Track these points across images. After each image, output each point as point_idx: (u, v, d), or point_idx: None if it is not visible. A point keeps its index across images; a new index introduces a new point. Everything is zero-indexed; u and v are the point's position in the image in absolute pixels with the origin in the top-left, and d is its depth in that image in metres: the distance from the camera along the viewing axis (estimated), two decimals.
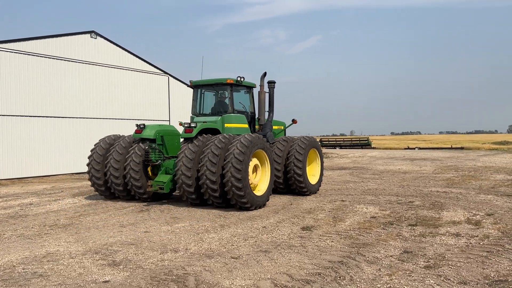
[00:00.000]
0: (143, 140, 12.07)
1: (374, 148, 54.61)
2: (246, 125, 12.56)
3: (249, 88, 13.01)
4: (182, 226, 8.99)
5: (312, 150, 13.58)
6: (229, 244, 7.43)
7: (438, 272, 5.78)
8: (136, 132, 12.16)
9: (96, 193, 14.35)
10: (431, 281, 5.44)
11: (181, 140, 12.22)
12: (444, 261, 6.22)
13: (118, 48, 24.48)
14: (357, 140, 60.71)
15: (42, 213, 10.85)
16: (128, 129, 24.63)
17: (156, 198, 12.37)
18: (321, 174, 14.06)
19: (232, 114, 12.17)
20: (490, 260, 6.26)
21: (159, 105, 26.84)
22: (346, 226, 8.70)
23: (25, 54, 20.32)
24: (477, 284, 5.33)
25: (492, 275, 5.62)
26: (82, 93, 22.59)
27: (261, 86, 12.93)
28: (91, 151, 12.57)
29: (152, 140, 12.01)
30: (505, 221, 8.95)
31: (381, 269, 5.94)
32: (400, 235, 7.86)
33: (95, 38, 23.24)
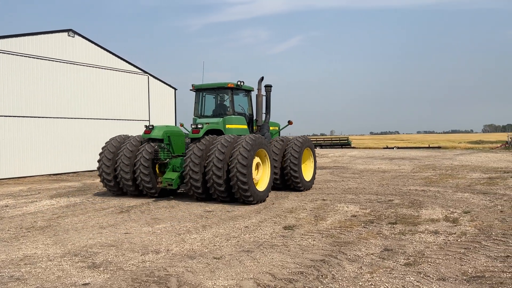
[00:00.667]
0: (152, 140, 12.77)
1: (354, 147, 55.22)
2: (246, 126, 13.44)
3: (248, 91, 13.95)
4: (163, 227, 8.91)
5: (306, 149, 14.39)
6: (211, 244, 7.40)
7: (418, 269, 5.87)
8: (145, 132, 12.83)
9: (75, 194, 14.12)
10: (411, 278, 5.53)
11: (186, 139, 13.10)
12: (423, 258, 6.33)
13: (97, 47, 24.08)
14: (337, 140, 61.30)
15: (19, 215, 10.58)
16: (106, 129, 24.28)
17: (163, 194, 12.89)
18: (315, 172, 14.90)
19: (233, 116, 13.05)
20: (468, 256, 6.40)
21: (138, 105, 26.52)
22: (328, 225, 8.77)
23: None
24: (455, 280, 5.44)
25: (469, 271, 5.74)
26: (58, 92, 22.13)
27: (259, 89, 13.63)
28: (102, 149, 13.21)
29: (160, 140, 12.71)
30: (481, 218, 9.17)
31: (363, 267, 6.00)
32: (381, 233, 7.96)
33: (73, 37, 22.81)
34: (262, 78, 13.67)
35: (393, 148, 53.48)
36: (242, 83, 13.29)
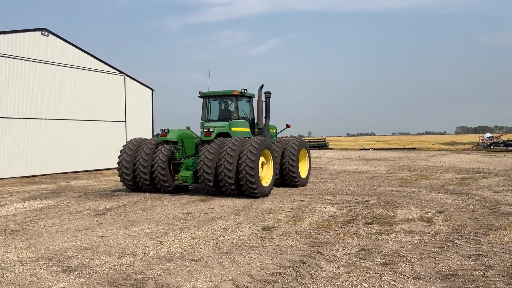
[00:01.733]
0: (167, 142, 14.12)
1: (331, 148, 55.80)
2: (248, 129, 14.96)
3: (249, 98, 15.45)
4: (141, 229, 8.79)
5: (302, 150, 15.97)
6: (190, 246, 7.34)
7: (394, 268, 5.98)
8: (162, 135, 14.18)
9: (48, 197, 13.82)
10: (388, 277, 5.63)
11: (196, 141, 14.63)
12: (399, 258, 6.45)
13: (71, 46, 23.59)
14: (315, 141, 61.82)
15: None
16: (81, 130, 23.82)
17: (177, 190, 14.21)
18: (310, 169, 16.53)
19: (238, 120, 14.56)
20: (442, 255, 6.55)
21: (114, 105, 26.10)
22: (306, 226, 8.83)
23: None
24: (430, 278, 5.56)
25: (443, 270, 5.88)
26: (31, 92, 21.56)
27: (259, 96, 14.94)
28: (121, 151, 14.53)
29: (174, 142, 14.12)
30: (455, 218, 9.41)
31: (340, 267, 6.07)
32: (358, 233, 8.07)
33: (47, 36, 22.28)
34: (262, 86, 14.90)
35: (369, 149, 54.29)
36: (245, 91, 14.75)
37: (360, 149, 54.11)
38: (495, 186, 14.77)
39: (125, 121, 26.71)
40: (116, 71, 26.30)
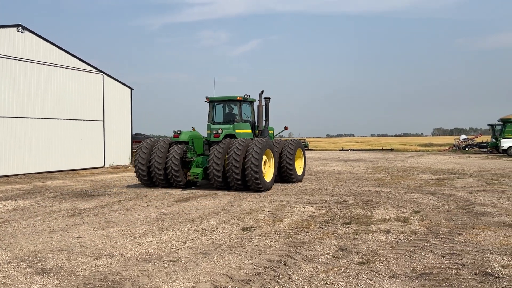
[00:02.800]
0: (179, 142, 15.57)
1: (311, 149, 56.21)
2: (250, 131, 16.38)
3: (251, 102, 16.86)
4: (118, 230, 8.68)
5: (298, 149, 17.42)
6: (168, 247, 7.29)
7: (371, 267, 6.07)
8: (174, 136, 15.62)
9: (23, 197, 13.52)
10: (364, 276, 5.71)
11: (204, 142, 16.01)
12: (376, 257, 6.55)
13: (48, 44, 23.07)
14: None
15: None
16: (57, 129, 23.34)
17: (187, 185, 15.58)
18: (305, 167, 18.10)
19: (241, 123, 16.01)
20: (417, 254, 6.68)
21: (92, 104, 25.66)
22: (285, 226, 8.87)
23: None
24: (405, 277, 5.67)
25: (419, 269, 6.00)
26: (6, 90, 21.00)
27: (260, 101, 16.43)
28: (136, 150, 15.97)
29: (186, 142, 15.57)
30: (430, 217, 9.61)
31: (318, 267, 6.12)
32: (336, 233, 8.16)
33: (22, 32, 21.75)
34: (262, 92, 16.39)
35: (348, 150, 54.91)
36: (248, 96, 16.19)
37: (340, 150, 54.68)
38: (469, 187, 15.14)
39: (103, 120, 26.29)
40: (94, 70, 25.87)
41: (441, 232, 8.12)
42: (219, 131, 15.07)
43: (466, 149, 49.16)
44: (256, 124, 16.80)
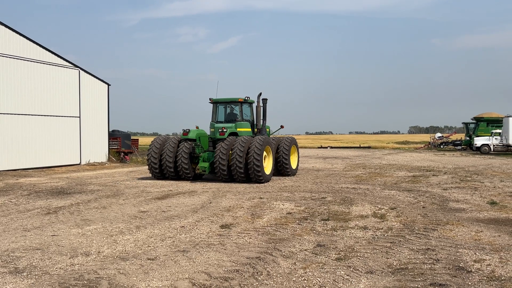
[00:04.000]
0: (188, 139, 17.02)
1: None
2: (250, 129, 18.12)
3: (250, 103, 18.50)
4: (94, 228, 8.53)
5: (293, 146, 19.05)
6: (145, 245, 7.21)
7: (348, 263, 6.14)
8: (184, 134, 17.08)
9: None
10: (342, 272, 5.77)
11: (209, 139, 17.65)
12: (353, 253, 6.64)
13: (20, 37, 22.39)
14: None
15: None
16: (31, 126, 22.76)
17: (195, 178, 17.15)
18: (298, 162, 19.84)
19: (242, 122, 17.78)
20: (393, 250, 6.80)
21: (68, 100, 25.09)
22: (264, 223, 8.90)
23: None
24: (381, 272, 5.76)
25: (395, 264, 6.11)
26: None
27: (258, 102, 17.84)
28: (149, 148, 17.48)
29: (193, 140, 17.04)
30: (406, 214, 9.79)
31: (296, 263, 6.16)
32: (314, 230, 8.23)
33: None
34: (260, 94, 17.83)
35: (326, 147, 55.44)
36: (248, 98, 17.93)
37: (318, 148, 55.15)
38: (444, 184, 15.50)
39: (79, 117, 25.77)
40: (70, 65, 25.31)
41: (417, 228, 8.29)
42: (224, 130, 16.79)
43: (441, 146, 50.30)
44: (255, 123, 18.26)
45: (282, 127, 19.94)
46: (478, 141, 39.43)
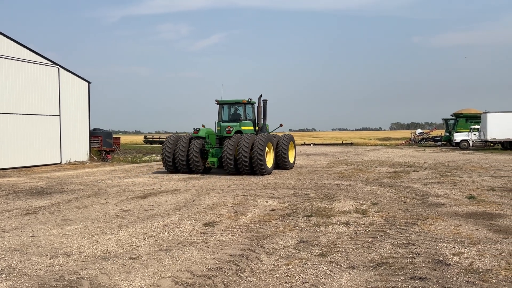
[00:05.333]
0: (198, 137, 18.86)
1: None
2: (252, 128, 20.01)
3: (252, 104, 20.38)
4: (75, 228, 8.41)
5: (291, 142, 20.96)
6: (127, 244, 7.14)
7: (330, 258, 6.20)
8: (194, 133, 18.96)
9: None
10: (324, 267, 5.83)
11: (216, 137, 19.47)
12: (335, 248, 6.70)
13: None
14: None
15: None
16: (10, 124, 22.25)
17: (205, 171, 18.95)
18: (295, 157, 21.90)
19: (245, 121, 19.76)
20: (375, 245, 6.89)
21: (47, 99, 24.61)
22: (247, 220, 8.91)
23: None
24: (363, 267, 5.84)
25: (376, 258, 6.19)
26: None
27: (259, 103, 20.14)
28: (163, 144, 19.46)
29: (203, 138, 18.88)
30: (387, 209, 9.93)
31: (279, 259, 6.19)
32: (297, 226, 8.28)
33: None
34: (261, 95, 20.03)
35: (310, 144, 55.74)
36: (251, 99, 19.91)
37: (302, 144, 55.40)
38: (424, 179, 15.76)
39: (59, 115, 25.32)
40: (49, 62, 24.83)
41: (398, 223, 8.41)
42: (230, 128, 18.67)
43: (422, 142, 51.10)
44: (256, 122, 20.39)
45: (281, 125, 21.39)
46: (458, 137, 40.20)
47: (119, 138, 35.77)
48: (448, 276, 5.44)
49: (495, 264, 5.87)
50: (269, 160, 18.70)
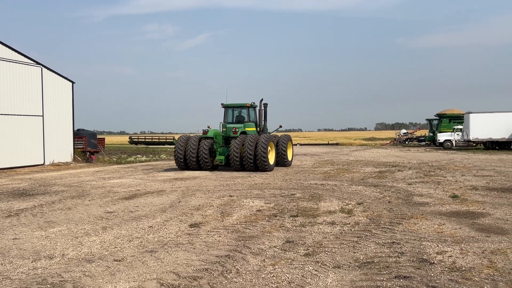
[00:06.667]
0: (206, 137, 20.66)
1: None
2: (255, 129, 22.02)
3: (255, 107, 22.34)
4: (59, 230, 8.28)
5: (289, 142, 22.53)
6: (112, 246, 7.06)
7: (316, 258, 6.23)
8: (204, 133, 20.78)
9: None
10: (310, 267, 5.85)
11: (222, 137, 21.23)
12: (321, 248, 6.73)
13: None
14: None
15: None
16: None
17: (213, 168, 20.72)
18: (293, 155, 23.70)
19: (249, 123, 21.78)
20: (360, 244, 6.94)
21: (30, 99, 24.19)
22: (234, 221, 8.89)
23: None
24: (349, 267, 5.87)
25: (361, 258, 6.24)
26: None
27: (260, 106, 22.18)
28: (175, 144, 21.20)
29: (211, 138, 20.61)
30: (372, 209, 10.01)
31: (265, 260, 6.19)
32: (283, 226, 8.29)
33: None
34: (262, 99, 22.02)
35: (296, 144, 55.93)
36: (254, 103, 22.02)
37: None
38: (409, 179, 15.94)
39: (42, 115, 24.93)
40: (32, 62, 24.42)
41: (382, 222, 8.49)
42: (236, 130, 20.59)
43: (406, 142, 51.70)
44: (258, 123, 22.40)
45: (280, 126, 23.85)
46: (441, 137, 40.79)
47: (104, 138, 35.40)
48: (432, 274, 5.50)
49: (478, 262, 5.97)
50: (271, 157, 20.65)
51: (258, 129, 22.34)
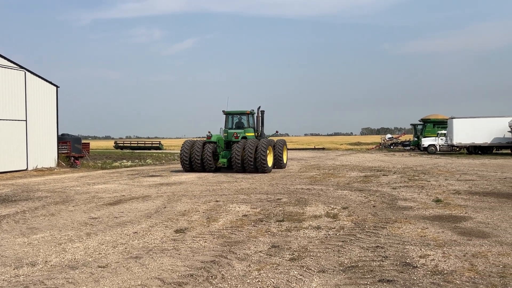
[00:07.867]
0: (210, 142, 22.44)
1: None
2: (253, 134, 23.64)
3: (253, 114, 24.12)
4: (42, 236, 8.17)
5: (284, 146, 24.21)
6: (96, 253, 6.99)
7: (301, 263, 6.26)
8: (207, 138, 22.57)
9: None
10: (295, 272, 5.88)
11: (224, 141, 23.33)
12: (306, 253, 6.77)
13: None
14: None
15: None
16: None
17: (216, 170, 22.43)
18: (287, 158, 25.66)
19: (248, 128, 23.56)
20: (345, 248, 7.00)
21: (13, 103, 23.82)
22: (219, 226, 8.88)
23: None
24: (333, 271, 5.92)
25: (346, 262, 6.29)
26: None
27: (258, 113, 23.97)
28: (181, 147, 22.78)
29: (214, 142, 22.54)
30: (357, 213, 10.10)
31: (251, 265, 6.20)
32: (269, 231, 8.31)
33: None
34: (259, 107, 23.95)
35: None
36: (253, 110, 23.78)
37: None
38: (393, 183, 16.13)
39: (26, 120, 24.56)
40: (15, 66, 24.07)
41: (367, 227, 8.57)
42: (237, 135, 22.77)
43: (391, 147, 52.27)
44: (256, 128, 24.04)
45: (277, 132, 26.53)
46: (425, 141, 41.36)
47: (89, 143, 35.01)
48: (415, 278, 5.58)
49: (459, 265, 6.07)
50: (270, 160, 22.35)
51: (256, 134, 23.89)
